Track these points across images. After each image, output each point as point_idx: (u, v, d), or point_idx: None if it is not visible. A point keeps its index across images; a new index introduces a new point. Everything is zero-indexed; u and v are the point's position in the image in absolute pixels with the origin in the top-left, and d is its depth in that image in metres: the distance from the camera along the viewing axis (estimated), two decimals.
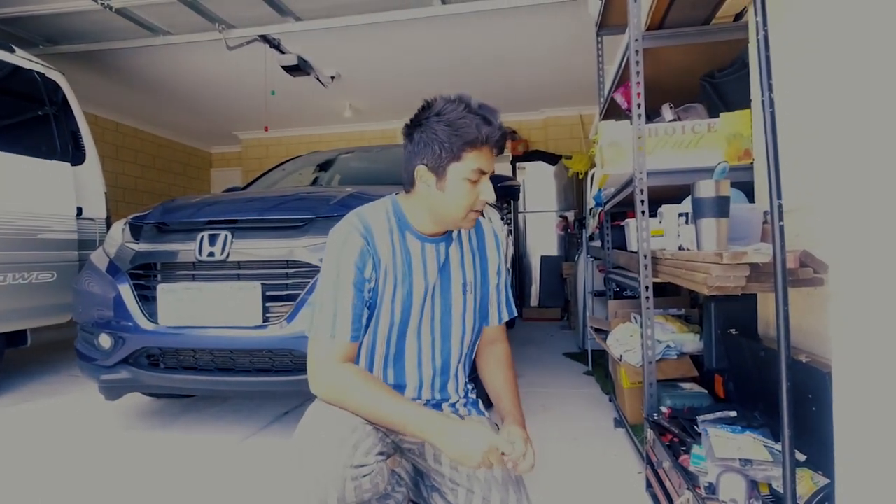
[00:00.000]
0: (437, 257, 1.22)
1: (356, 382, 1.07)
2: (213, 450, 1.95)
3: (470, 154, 1.10)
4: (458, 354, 1.28)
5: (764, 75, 0.98)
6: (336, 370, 1.09)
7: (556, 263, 5.32)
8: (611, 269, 2.60)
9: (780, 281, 0.93)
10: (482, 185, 1.14)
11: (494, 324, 1.35)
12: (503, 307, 1.36)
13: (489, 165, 1.13)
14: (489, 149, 1.12)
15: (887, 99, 0.80)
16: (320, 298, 1.14)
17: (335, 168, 3.32)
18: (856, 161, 0.86)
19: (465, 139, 1.09)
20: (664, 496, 1.33)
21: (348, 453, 1.00)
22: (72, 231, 3.01)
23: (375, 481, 1.04)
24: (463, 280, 1.25)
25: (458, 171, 1.11)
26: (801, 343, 1.34)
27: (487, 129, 1.09)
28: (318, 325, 1.12)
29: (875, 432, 0.76)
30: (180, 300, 1.86)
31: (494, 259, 1.32)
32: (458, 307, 1.25)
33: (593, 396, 2.56)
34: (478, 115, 1.10)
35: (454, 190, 1.12)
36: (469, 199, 1.13)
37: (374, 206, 1.23)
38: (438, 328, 1.23)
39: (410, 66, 4.97)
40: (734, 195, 1.47)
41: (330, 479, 0.99)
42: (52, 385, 2.94)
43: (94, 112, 5.93)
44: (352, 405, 1.06)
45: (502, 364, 1.34)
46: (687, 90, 2.10)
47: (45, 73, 3.06)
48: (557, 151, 6.20)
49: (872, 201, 0.81)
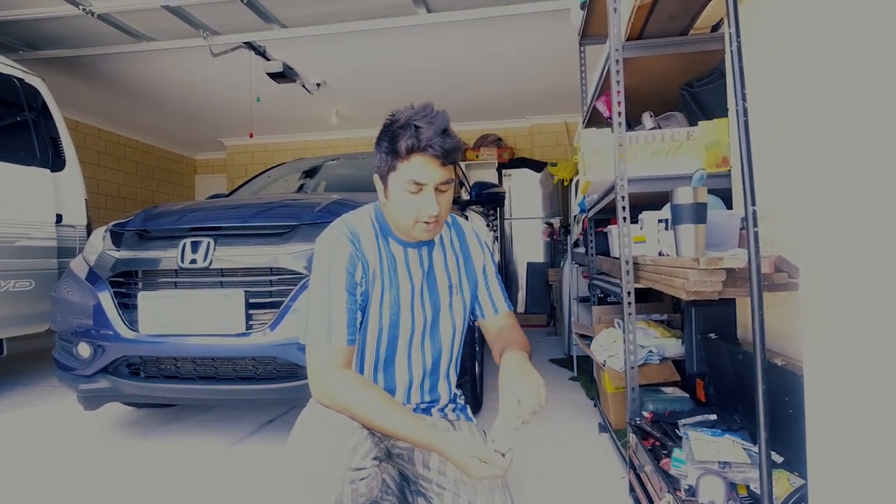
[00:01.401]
0: (420, 262, 1.23)
1: (358, 390, 1.07)
2: (195, 459, 1.92)
3: (402, 164, 1.08)
4: (448, 356, 1.29)
5: (738, 85, 1.01)
6: (337, 377, 1.09)
7: (543, 270, 5.35)
8: (595, 275, 2.62)
9: (755, 285, 0.96)
10: (423, 196, 1.09)
11: (491, 315, 1.31)
12: (497, 297, 1.32)
13: (427, 176, 1.08)
14: (425, 159, 1.07)
15: (853, 110, 0.83)
16: (314, 304, 1.14)
17: (321, 175, 3.31)
18: (825, 168, 0.89)
19: (395, 149, 1.08)
20: (646, 499, 1.34)
21: (347, 455, 1.00)
22: (51, 238, 2.96)
23: (371, 485, 1.04)
24: (449, 282, 1.26)
25: (396, 180, 1.10)
26: (777, 347, 1.37)
27: (414, 140, 1.05)
28: (314, 331, 1.12)
29: (844, 433, 0.78)
30: (162, 308, 1.84)
31: (479, 258, 1.32)
32: (445, 309, 1.26)
33: (578, 402, 2.58)
34: (415, 124, 1.06)
35: (396, 199, 1.12)
36: (412, 210, 1.10)
37: (359, 213, 1.25)
38: (428, 331, 1.24)
39: (396, 74, 4.99)
40: (713, 202, 1.50)
41: (328, 481, 0.98)
42: (28, 396, 2.88)
43: (75, 118, 5.85)
44: (353, 412, 1.06)
45: (515, 344, 1.23)
46: (667, 99, 2.14)
47: (24, 78, 3.02)
48: (543, 159, 6.26)
49: (840, 207, 0.83)
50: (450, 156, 1.08)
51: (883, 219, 0.74)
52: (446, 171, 1.11)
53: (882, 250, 0.75)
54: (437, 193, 1.11)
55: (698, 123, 1.71)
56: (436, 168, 1.09)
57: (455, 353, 1.31)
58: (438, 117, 1.09)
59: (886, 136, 0.75)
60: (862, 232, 0.78)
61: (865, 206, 0.77)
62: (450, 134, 1.09)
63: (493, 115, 6.42)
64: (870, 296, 0.75)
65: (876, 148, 0.76)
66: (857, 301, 0.78)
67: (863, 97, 0.80)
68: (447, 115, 1.11)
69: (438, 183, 1.10)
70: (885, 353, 0.71)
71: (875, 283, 0.75)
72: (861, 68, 0.80)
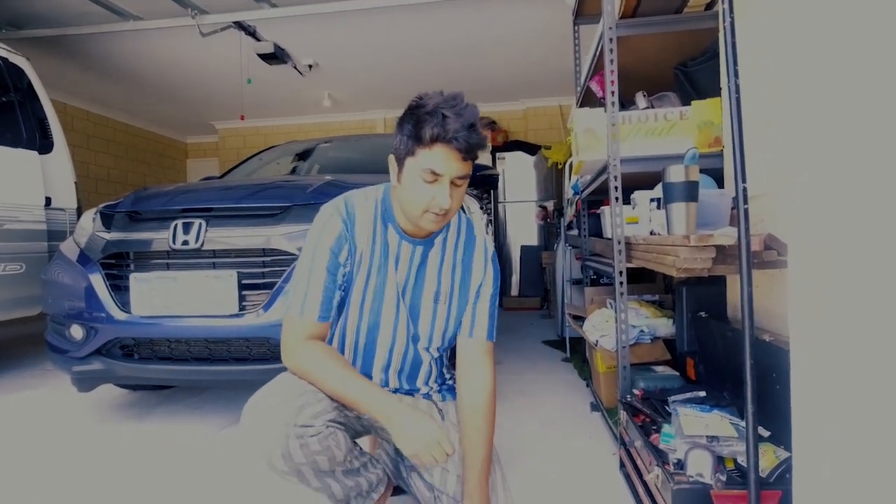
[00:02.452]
0: (410, 258, 1.20)
1: (319, 357, 1.09)
2: (190, 440, 1.93)
3: (422, 151, 1.05)
4: (428, 356, 1.27)
5: (730, 62, 1.01)
6: (303, 346, 1.11)
7: (536, 253, 5.36)
8: (587, 256, 2.63)
9: (745, 262, 0.96)
10: (438, 187, 1.06)
11: (466, 336, 1.23)
12: (479, 320, 1.23)
13: (446, 168, 1.05)
14: (447, 150, 1.04)
15: (841, 91, 0.83)
16: (295, 276, 1.15)
17: (314, 158, 3.28)
18: (814, 147, 0.89)
19: (418, 134, 1.05)
20: (636, 474, 1.37)
21: (291, 412, 1.01)
22: (40, 221, 2.93)
23: (326, 444, 1.05)
24: (437, 289, 1.22)
25: (412, 166, 1.07)
26: (766, 325, 1.38)
27: (440, 129, 1.02)
28: (291, 303, 1.14)
29: (829, 407, 0.80)
30: (154, 289, 1.83)
31: (479, 274, 1.24)
32: (426, 315, 1.22)
33: (571, 382, 2.60)
34: (443, 113, 1.03)
35: (409, 185, 1.09)
36: (423, 199, 1.07)
37: (366, 193, 1.22)
38: (409, 329, 1.23)
39: (389, 56, 4.93)
40: (704, 182, 1.50)
41: (270, 435, 1.00)
42: (21, 379, 2.87)
43: (62, 100, 5.75)
44: (316, 380, 1.08)
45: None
46: (660, 79, 2.13)
47: (8, 58, 2.96)
48: (537, 142, 6.23)
49: (831, 185, 0.83)
50: (472, 151, 1.05)
51: (873, 198, 0.75)
52: (466, 166, 1.07)
53: (871, 228, 0.75)
54: (451, 187, 1.08)
55: (691, 103, 1.71)
56: (456, 162, 1.06)
57: (437, 357, 1.30)
58: (468, 110, 1.05)
59: (880, 114, 0.75)
60: (852, 210, 0.79)
61: (856, 184, 0.78)
62: (476, 129, 1.05)
63: (487, 98, 6.37)
64: (857, 273, 0.76)
65: (869, 126, 0.76)
66: (844, 277, 0.78)
67: (858, 76, 0.80)
68: (477, 110, 1.07)
69: (455, 177, 1.07)
70: (869, 328, 0.73)
71: (863, 261, 0.76)
72: (857, 44, 0.79)
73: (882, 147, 0.69)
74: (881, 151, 0.70)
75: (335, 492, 1.13)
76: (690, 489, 1.06)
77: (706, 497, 1.05)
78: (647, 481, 1.23)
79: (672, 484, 1.07)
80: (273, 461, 1.02)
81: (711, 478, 1.07)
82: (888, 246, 0.68)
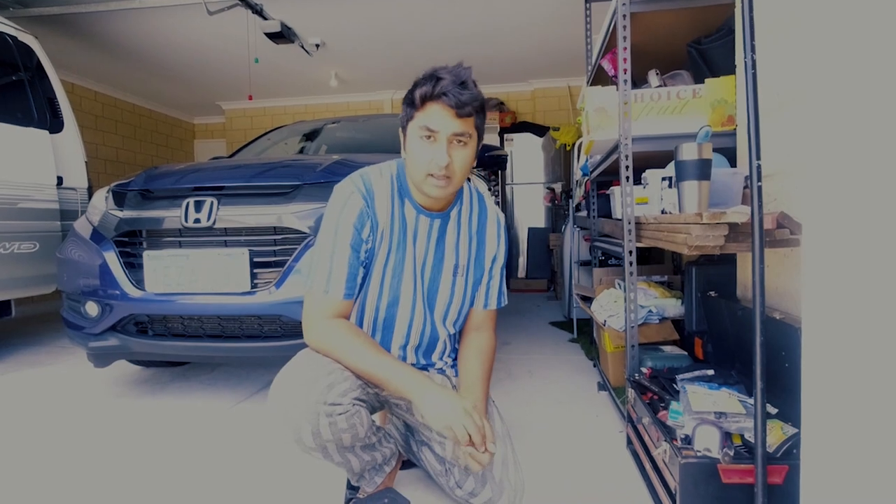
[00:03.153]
0: (428, 232, 1.21)
1: (344, 335, 1.10)
2: (204, 415, 1.97)
3: (419, 113, 1.10)
4: (444, 332, 1.29)
5: (747, 36, 0.99)
6: (327, 324, 1.12)
7: (544, 235, 5.35)
8: (596, 237, 2.63)
9: (757, 239, 0.96)
10: (436, 145, 1.09)
11: (479, 308, 1.31)
12: (492, 293, 1.32)
13: (440, 124, 1.08)
14: (439, 107, 1.07)
15: (862, 70, 0.82)
16: (318, 254, 1.16)
17: (322, 138, 3.28)
18: (833, 125, 0.88)
19: (413, 97, 1.10)
20: (643, 451, 1.39)
21: (321, 391, 1.03)
22: (53, 201, 2.96)
23: (352, 422, 1.07)
24: (455, 262, 1.25)
25: (412, 129, 1.12)
26: (776, 304, 1.38)
27: (430, 88, 1.07)
28: (315, 281, 1.14)
29: (839, 383, 0.80)
30: (167, 267, 1.86)
31: (493, 246, 1.29)
32: (445, 288, 1.25)
33: (578, 362, 2.62)
34: (437, 75, 1.08)
35: (412, 149, 1.12)
36: (423, 160, 1.10)
37: (380, 169, 1.23)
38: (427, 303, 1.24)
39: (397, 35, 4.87)
40: (717, 160, 1.49)
41: (302, 413, 1.02)
42: (38, 355, 2.93)
43: (70, 80, 5.75)
44: (342, 357, 1.09)
45: (482, 353, 1.27)
46: (674, 57, 2.10)
47: (17, 36, 2.96)
48: (545, 123, 6.18)
49: (847, 163, 0.83)
50: (464, 107, 1.07)
51: (891, 178, 0.75)
52: (463, 123, 1.09)
53: (888, 208, 0.75)
54: (451, 147, 1.09)
55: (704, 81, 1.69)
56: (450, 118, 1.08)
57: (454, 332, 1.32)
58: (461, 70, 1.09)
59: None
60: (870, 189, 0.78)
61: (875, 163, 0.77)
62: (467, 86, 1.08)
63: (495, 79, 6.30)
64: (873, 252, 0.76)
65: (888, 103, 0.76)
66: (858, 256, 0.78)
67: (877, 53, 0.79)
68: (470, 71, 1.10)
69: (452, 134, 1.09)
70: (883, 307, 0.73)
71: (879, 241, 0.76)
72: (879, 18, 0.78)
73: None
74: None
75: (353, 466, 1.16)
76: (698, 463, 1.07)
77: (713, 471, 1.06)
78: (655, 456, 1.25)
79: (680, 458, 1.08)
80: (303, 438, 1.04)
81: (719, 452, 1.08)
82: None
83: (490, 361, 1.28)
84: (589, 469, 1.49)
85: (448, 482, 1.23)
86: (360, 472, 1.19)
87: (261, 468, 1.52)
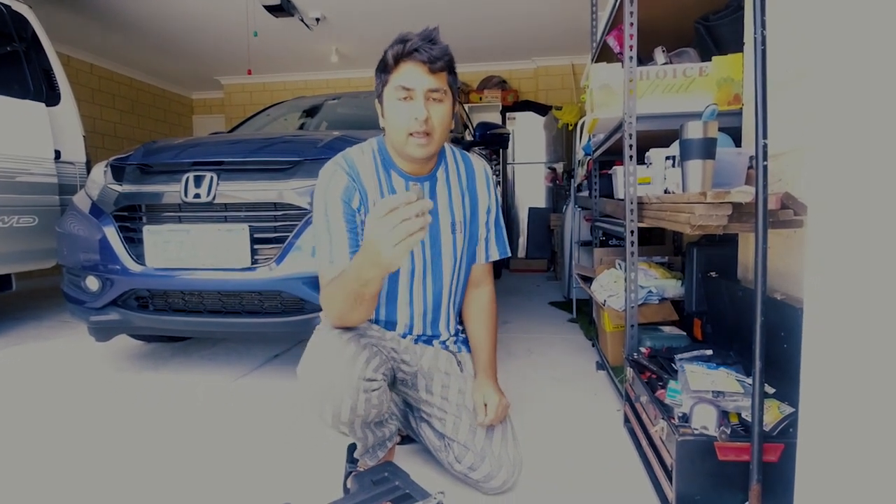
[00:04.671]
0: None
1: (330, 287, 1.10)
2: (204, 390, 1.99)
3: (392, 75, 1.12)
4: (448, 292, 1.31)
5: (758, 11, 0.97)
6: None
7: (544, 215, 5.33)
8: (598, 217, 2.62)
9: (761, 218, 0.96)
10: (413, 103, 1.10)
11: (481, 261, 1.35)
12: (492, 245, 1.35)
13: (413, 81, 1.09)
14: (411, 64, 1.09)
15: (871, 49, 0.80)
16: (316, 233, 1.17)
17: (322, 114, 3.24)
18: (841, 107, 0.87)
19: (384, 62, 1.12)
20: (640, 429, 1.40)
21: (361, 366, 1.05)
22: (51, 175, 2.93)
23: (381, 399, 1.10)
24: (451, 219, 1.26)
25: (389, 94, 1.13)
26: (777, 285, 1.38)
27: (400, 47, 1.09)
28: (320, 257, 1.16)
29: (839, 363, 0.81)
30: (167, 242, 1.85)
31: (485, 197, 1.32)
32: (447, 246, 1.26)
33: (577, 342, 2.64)
34: (404, 37, 1.10)
35: (390, 113, 1.14)
36: (402, 120, 1.11)
37: (361, 148, 1.25)
38: (429, 267, 1.26)
39: (398, 10, 4.78)
40: (722, 140, 1.47)
41: (345, 388, 1.04)
42: (39, 329, 2.95)
43: (66, 52, 5.66)
44: (340, 308, 1.07)
45: (485, 312, 1.36)
46: (681, 34, 2.06)
47: (10, 5, 2.90)
48: (548, 102, 6.11)
49: (856, 145, 0.82)
50: (436, 61, 1.09)
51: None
52: (436, 79, 1.10)
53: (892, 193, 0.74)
54: (428, 103, 1.11)
55: (711, 59, 1.66)
56: (423, 74, 1.09)
57: (456, 291, 1.33)
58: (428, 30, 1.10)
59: None
60: (874, 172, 0.77)
61: (882, 147, 0.76)
62: (435, 41, 1.09)
63: (497, 56, 6.21)
64: (878, 234, 0.76)
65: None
66: (863, 239, 0.78)
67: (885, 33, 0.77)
68: (438, 30, 1.12)
69: (427, 90, 1.10)
70: (885, 288, 0.73)
71: (883, 223, 0.75)
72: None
73: None
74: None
75: (368, 441, 1.19)
76: (695, 441, 1.08)
77: (710, 449, 1.07)
78: (652, 434, 1.26)
79: (677, 436, 1.09)
80: (341, 412, 1.05)
81: (716, 430, 1.10)
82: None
83: (494, 318, 1.37)
84: (587, 446, 1.50)
85: (447, 457, 1.25)
86: (371, 447, 1.21)
87: (262, 442, 1.54)
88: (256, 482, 1.32)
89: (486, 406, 1.23)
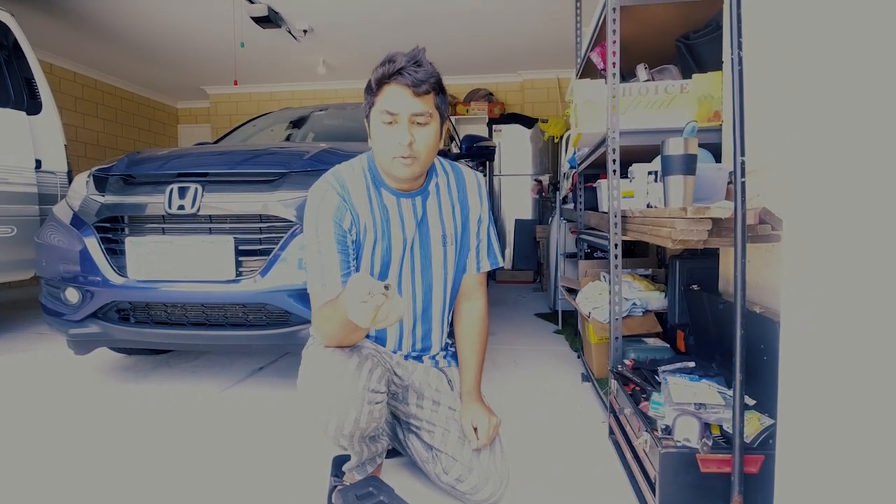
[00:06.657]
0: (413, 212, 1.23)
1: (319, 314, 1.11)
2: (187, 403, 1.96)
3: (378, 97, 1.11)
4: (440, 306, 1.31)
5: (734, 33, 1.00)
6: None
7: (530, 227, 5.38)
8: (582, 229, 2.65)
9: (740, 234, 0.98)
10: (397, 127, 1.09)
11: (472, 272, 1.33)
12: (482, 255, 1.33)
13: (398, 105, 1.08)
14: (396, 88, 1.08)
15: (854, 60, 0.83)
16: (307, 256, 1.17)
17: (309, 125, 3.24)
18: (814, 122, 0.90)
19: (370, 84, 1.12)
20: (624, 441, 1.41)
21: (366, 377, 1.05)
22: (31, 184, 2.89)
23: (382, 413, 1.10)
24: (442, 232, 1.26)
25: (375, 116, 1.13)
26: (757, 298, 1.41)
27: (385, 67, 1.08)
28: (311, 280, 1.15)
29: (815, 375, 0.83)
30: (150, 253, 1.83)
31: (476, 207, 1.31)
32: (438, 259, 1.27)
33: (562, 353, 2.65)
34: (390, 59, 1.09)
35: (376, 136, 1.14)
36: (387, 143, 1.11)
37: (351, 164, 1.24)
38: (420, 281, 1.26)
39: (385, 23, 4.82)
40: (702, 156, 1.51)
41: (351, 398, 1.03)
42: (16, 341, 2.88)
43: (49, 60, 5.60)
44: (331, 333, 1.08)
45: (474, 329, 1.32)
46: (662, 51, 2.11)
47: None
48: (534, 115, 6.18)
49: (828, 161, 0.84)
50: (421, 84, 1.08)
51: (870, 175, 0.76)
52: (421, 102, 1.09)
53: (866, 205, 0.77)
54: (413, 126, 1.10)
55: (692, 76, 1.70)
56: (408, 97, 1.08)
57: (447, 304, 1.33)
58: (415, 51, 1.10)
59: (881, 87, 0.75)
60: (847, 185, 0.80)
61: (854, 160, 0.79)
62: (421, 63, 1.08)
63: (484, 69, 6.27)
64: (852, 247, 0.78)
65: (869, 101, 0.77)
66: (837, 252, 0.80)
67: (860, 58, 0.80)
68: (424, 52, 1.11)
69: (412, 114, 1.09)
70: (860, 302, 0.75)
71: (857, 236, 0.77)
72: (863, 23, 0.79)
73: (881, 124, 0.70)
74: (880, 128, 0.70)
75: (363, 455, 1.18)
76: (678, 453, 1.09)
77: (692, 461, 1.09)
78: (636, 446, 1.27)
79: (660, 448, 1.10)
80: (345, 425, 1.05)
81: (698, 442, 1.11)
82: (883, 222, 0.70)
83: (484, 337, 1.33)
84: (572, 458, 1.51)
85: (434, 468, 1.25)
86: (363, 461, 1.21)
87: (245, 456, 1.52)
88: (238, 497, 1.30)
89: (476, 430, 1.21)
